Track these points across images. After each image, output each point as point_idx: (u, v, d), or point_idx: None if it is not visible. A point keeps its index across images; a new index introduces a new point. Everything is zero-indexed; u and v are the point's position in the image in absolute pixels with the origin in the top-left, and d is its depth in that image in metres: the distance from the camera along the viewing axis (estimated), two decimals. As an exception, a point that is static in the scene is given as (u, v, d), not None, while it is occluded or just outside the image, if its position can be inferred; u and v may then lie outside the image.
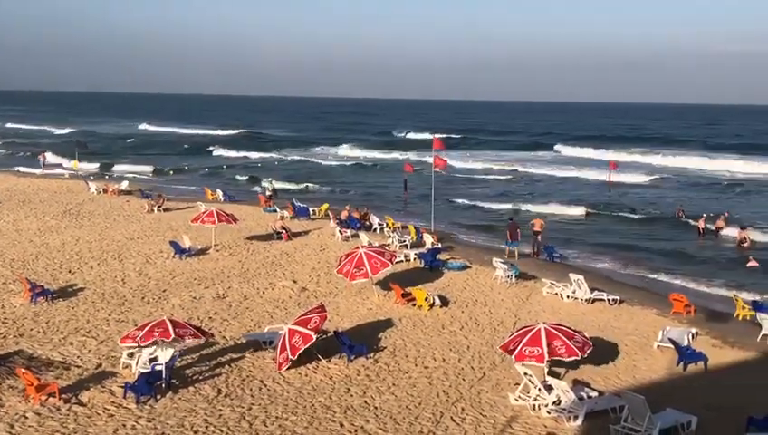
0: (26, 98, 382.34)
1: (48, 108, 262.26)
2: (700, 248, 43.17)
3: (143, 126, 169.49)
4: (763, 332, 25.85)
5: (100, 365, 21.21)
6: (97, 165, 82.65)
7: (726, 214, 50.24)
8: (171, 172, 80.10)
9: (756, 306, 27.87)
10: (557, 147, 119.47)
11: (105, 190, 58.11)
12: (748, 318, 28.01)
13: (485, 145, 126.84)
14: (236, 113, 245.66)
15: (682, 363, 22.42)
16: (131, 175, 74.08)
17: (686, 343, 23.48)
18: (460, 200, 60.38)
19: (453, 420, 18.31)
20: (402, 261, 35.37)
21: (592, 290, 29.99)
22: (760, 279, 34.98)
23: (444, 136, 77.56)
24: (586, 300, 29.55)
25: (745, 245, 43.09)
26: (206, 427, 17.50)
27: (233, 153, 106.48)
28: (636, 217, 54.23)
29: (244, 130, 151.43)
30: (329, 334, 23.52)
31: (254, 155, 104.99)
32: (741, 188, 72.21)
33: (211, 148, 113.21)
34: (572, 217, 54.62)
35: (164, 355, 20.24)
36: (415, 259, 35.82)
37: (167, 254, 35.75)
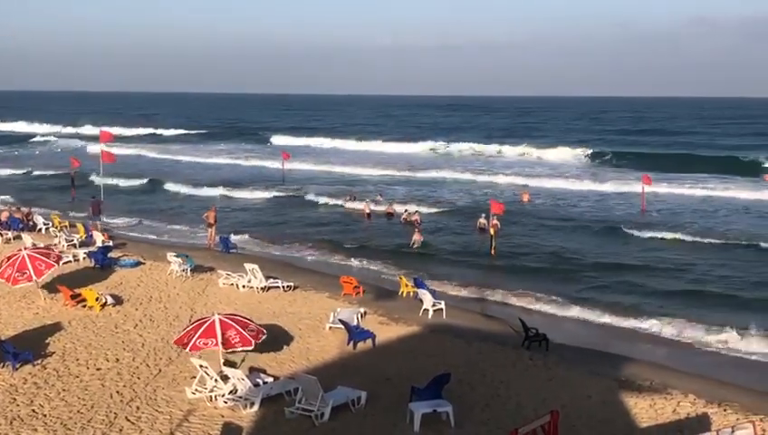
0: None
1: None
2: (368, 231, 45.53)
3: None
4: (424, 306, 27.85)
5: None
6: None
7: (380, 196, 54.04)
8: None
9: (418, 283, 29.88)
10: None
11: None
12: (412, 295, 29.97)
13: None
14: None
15: (352, 342, 23.55)
16: None
17: (355, 323, 24.74)
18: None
19: (128, 420, 17.88)
20: (71, 261, 33.80)
21: (267, 278, 30.60)
22: (423, 260, 37.59)
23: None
24: (261, 288, 30.06)
25: (411, 219, 46.18)
26: None
27: None
28: (314, 201, 55.97)
29: None
30: (-11, 344, 21.92)
31: None
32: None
33: None
34: (255, 202, 56.50)
35: None
36: (84, 258, 34.37)
37: None
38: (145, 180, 67.05)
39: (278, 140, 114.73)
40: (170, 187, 64.06)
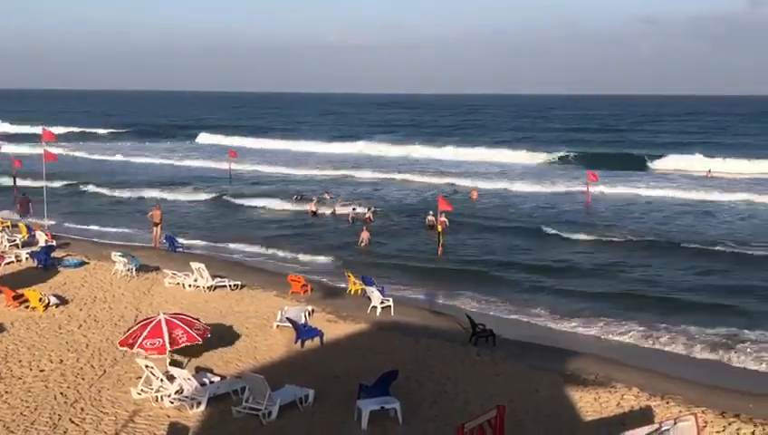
0: None
1: None
2: (315, 229, 45.46)
3: None
4: (372, 304, 27.89)
5: None
6: None
7: (327, 195, 55.02)
8: None
9: (366, 281, 29.89)
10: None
11: None
12: (360, 293, 29.96)
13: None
14: None
15: (300, 340, 23.49)
16: None
17: (302, 321, 24.65)
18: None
19: (72, 422, 17.61)
20: (13, 262, 33.17)
21: (214, 277, 30.36)
22: (371, 258, 37.66)
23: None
24: (208, 287, 29.82)
25: (364, 217, 46.04)
26: None
27: None
28: (258, 205, 55.60)
29: None
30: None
31: None
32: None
33: None
34: (200, 201, 56.78)
35: None
36: (27, 259, 33.77)
37: None
38: (71, 181, 65.35)
39: (204, 138, 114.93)
40: (100, 187, 62.60)
